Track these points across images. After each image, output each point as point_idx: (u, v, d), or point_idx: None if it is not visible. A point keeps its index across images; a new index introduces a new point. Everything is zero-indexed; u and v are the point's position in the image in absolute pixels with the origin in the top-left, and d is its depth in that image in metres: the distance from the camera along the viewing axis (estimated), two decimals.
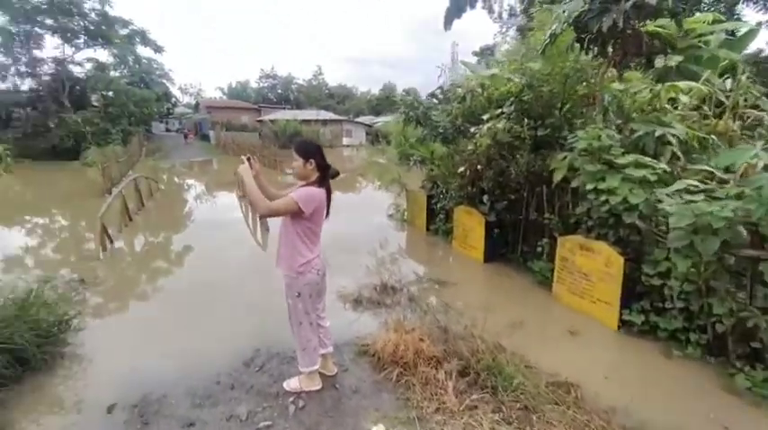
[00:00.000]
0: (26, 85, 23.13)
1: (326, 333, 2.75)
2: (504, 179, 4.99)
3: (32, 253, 6.46)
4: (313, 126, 35.11)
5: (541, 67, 4.63)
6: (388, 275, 4.65)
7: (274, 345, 3.26)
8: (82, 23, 22.88)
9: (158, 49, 26.53)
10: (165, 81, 29.56)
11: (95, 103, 24.16)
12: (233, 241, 6.87)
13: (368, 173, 17.19)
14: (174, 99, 36.33)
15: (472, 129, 5.11)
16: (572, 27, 3.95)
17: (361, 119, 46.07)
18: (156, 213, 9.32)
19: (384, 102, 54.90)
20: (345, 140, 38.33)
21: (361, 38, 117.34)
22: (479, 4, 18.85)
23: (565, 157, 4.12)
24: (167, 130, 40.71)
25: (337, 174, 2.48)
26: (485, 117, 4.99)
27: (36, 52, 22.86)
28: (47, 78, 22.99)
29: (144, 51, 26.48)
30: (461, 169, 5.37)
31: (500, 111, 4.89)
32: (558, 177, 4.17)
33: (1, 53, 21.77)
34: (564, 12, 3.90)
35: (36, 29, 21.97)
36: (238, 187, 12.00)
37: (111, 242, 6.09)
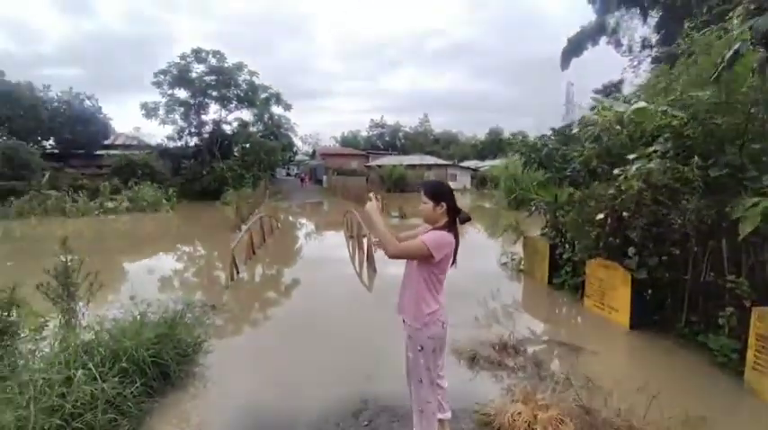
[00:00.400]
0: (193, 141, 29.80)
1: (445, 395, 2.46)
2: (660, 229, 4.14)
3: (177, 276, 7.77)
4: (418, 170, 36.36)
5: (711, 95, 3.88)
6: (505, 331, 4.15)
7: (382, 397, 3.08)
8: (235, 92, 28.94)
9: (287, 107, 31.72)
10: (290, 133, 34.83)
11: (236, 154, 29.59)
12: (339, 279, 7.20)
13: (474, 217, 16.65)
14: (295, 148, 42.22)
15: (615, 171, 4.44)
16: (760, 46, 3.25)
17: (465, 163, 46.17)
18: (273, 249, 10.45)
19: (490, 145, 54.38)
20: (450, 185, 38.58)
21: (463, 82, 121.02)
22: (603, 40, 17.73)
23: (756, 204, 3.23)
24: (288, 175, 47.19)
25: (469, 218, 2.31)
26: (631, 157, 4.33)
27: (203, 117, 29.54)
28: (206, 136, 29.26)
29: (276, 109, 31.96)
30: (599, 216, 4.67)
31: (652, 149, 4.18)
32: (746, 229, 3.26)
33: (181, 119, 28.68)
34: (749, 29, 3.24)
35: (205, 99, 28.53)
36: (347, 227, 12.84)
37: (238, 273, 6.92)
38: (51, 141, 26.29)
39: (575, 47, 17.12)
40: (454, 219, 2.24)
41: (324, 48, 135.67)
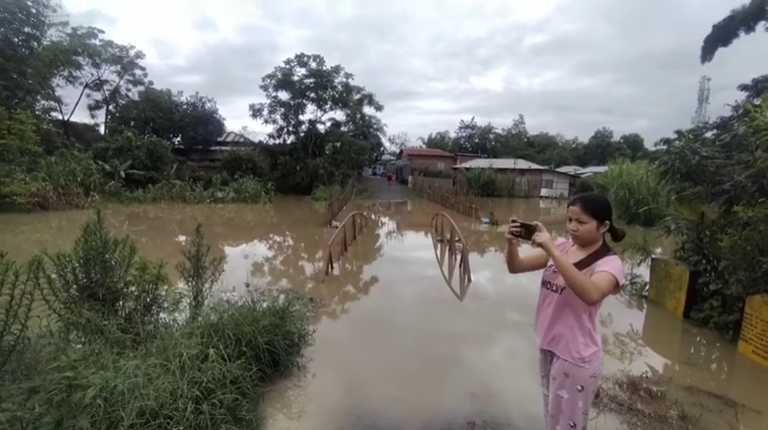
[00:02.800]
0: (290, 139, 32.52)
1: None
2: None
3: (274, 265, 8.46)
4: (509, 175, 34.56)
5: None
6: (628, 366, 3.58)
7: (491, 423, 2.86)
8: (331, 93, 30.83)
9: (379, 108, 32.72)
10: (379, 133, 35.91)
11: (327, 152, 31.49)
12: (429, 283, 7.14)
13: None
14: (382, 148, 43.42)
15: None
16: None
17: (564, 169, 42.54)
18: (363, 247, 10.76)
19: (594, 150, 49.29)
20: (543, 191, 36.01)
21: (563, 81, 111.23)
22: (762, 26, 14.61)
23: None
24: (373, 174, 48.84)
25: (624, 235, 1.98)
26: None
27: (300, 117, 32.06)
28: (302, 135, 31.69)
29: (368, 110, 33.21)
30: None
31: None
32: None
33: (282, 119, 31.55)
34: None
35: (303, 101, 30.92)
36: (436, 230, 12.70)
37: (332, 268, 7.24)
38: (179, 138, 31.02)
39: (722, 34, 14.47)
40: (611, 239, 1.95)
41: (414, 48, 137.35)
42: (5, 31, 17.59)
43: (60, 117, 25.78)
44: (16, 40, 18.08)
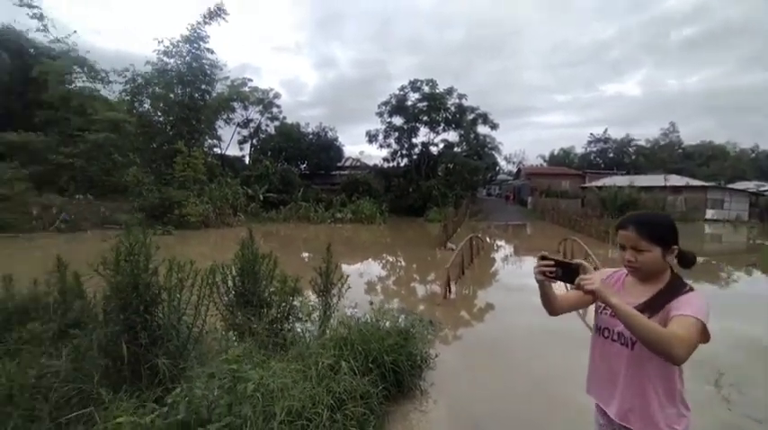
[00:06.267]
0: (403, 162, 34.02)
1: None
2: None
3: (386, 286, 8.76)
4: (657, 194, 29.73)
5: None
6: None
7: None
8: (443, 115, 31.46)
9: (494, 127, 32.00)
10: (494, 152, 34.89)
11: (440, 173, 31.88)
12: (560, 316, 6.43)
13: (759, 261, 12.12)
14: (498, 167, 41.92)
15: None
16: None
17: (739, 185, 34.64)
18: (479, 271, 10.42)
19: None
20: (710, 213, 29.80)
21: (726, 77, 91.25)
22: None
23: None
24: (488, 195, 47.39)
25: (695, 259, 1.49)
26: None
27: (413, 140, 33.40)
28: (415, 157, 32.88)
29: (482, 129, 32.73)
30: None
31: None
32: None
33: (395, 142, 33.36)
34: None
35: (416, 124, 32.21)
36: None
37: (450, 292, 7.17)
38: (305, 164, 35.32)
39: None
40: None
41: (529, 61, 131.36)
42: (191, 90, 23.04)
43: (219, 151, 32.07)
44: (196, 95, 23.46)
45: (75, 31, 24.78)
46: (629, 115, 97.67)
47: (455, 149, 32.42)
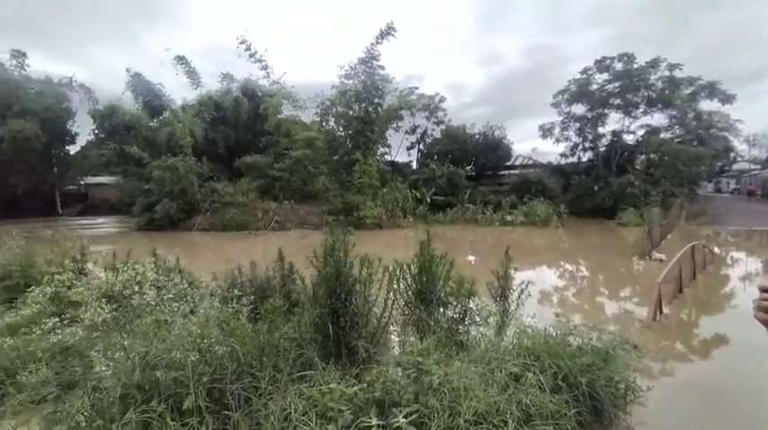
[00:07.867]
0: (586, 157, 30.06)
1: None
2: None
3: (563, 298, 7.85)
4: None
5: None
6: None
7: None
8: (644, 94, 26.34)
9: (726, 100, 24.83)
10: (726, 134, 27.14)
11: (638, 167, 26.79)
12: None
13: None
14: (733, 154, 32.35)
15: None
16: None
17: None
18: (705, 291, 8.26)
19: None
20: None
21: None
22: None
23: None
24: (717, 191, 37.19)
25: None
26: None
27: (599, 129, 29.10)
28: (602, 149, 28.61)
29: (706, 105, 25.88)
30: None
31: None
32: None
33: (576, 135, 29.79)
34: None
35: (604, 110, 27.99)
36: None
37: (661, 312, 5.93)
38: (471, 166, 35.22)
39: None
40: None
41: None
42: (366, 105, 26.27)
43: (389, 158, 35.21)
44: (370, 109, 26.56)
45: (285, 73, 31.21)
46: None
47: (662, 135, 26.73)
